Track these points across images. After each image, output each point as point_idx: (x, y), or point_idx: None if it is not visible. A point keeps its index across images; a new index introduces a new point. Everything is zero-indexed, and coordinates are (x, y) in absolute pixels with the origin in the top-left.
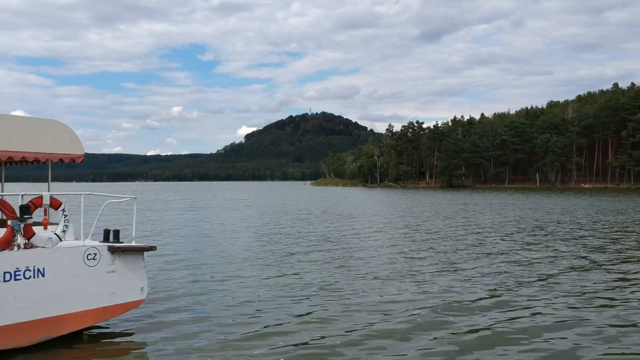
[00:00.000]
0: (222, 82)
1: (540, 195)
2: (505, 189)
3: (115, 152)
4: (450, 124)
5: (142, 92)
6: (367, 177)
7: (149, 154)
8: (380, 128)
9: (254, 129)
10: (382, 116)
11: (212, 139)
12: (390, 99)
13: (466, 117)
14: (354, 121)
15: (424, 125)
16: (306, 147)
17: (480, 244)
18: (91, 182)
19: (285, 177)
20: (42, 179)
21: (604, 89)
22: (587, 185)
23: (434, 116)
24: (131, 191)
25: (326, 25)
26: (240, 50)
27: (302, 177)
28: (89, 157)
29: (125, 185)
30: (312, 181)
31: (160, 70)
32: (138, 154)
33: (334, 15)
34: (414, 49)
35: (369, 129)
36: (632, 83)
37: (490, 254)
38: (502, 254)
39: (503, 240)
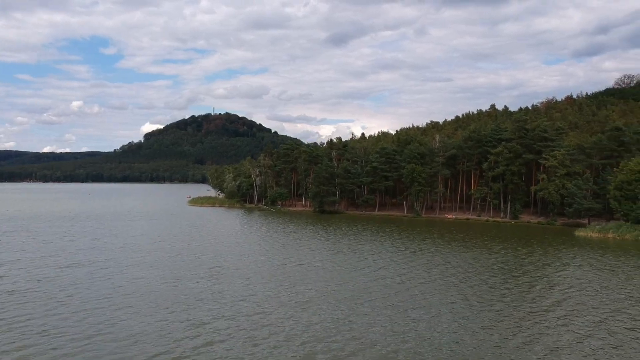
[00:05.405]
0: (126, 77)
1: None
2: (373, 217)
3: (7, 148)
4: (325, 145)
5: (38, 85)
6: (246, 196)
7: (43, 150)
8: (289, 128)
9: (159, 126)
10: (290, 117)
11: (113, 136)
12: (299, 100)
13: (359, 127)
14: (258, 123)
15: (326, 130)
16: (208, 149)
17: None
18: None
19: (185, 180)
20: None
21: (483, 109)
22: (450, 216)
23: (340, 118)
24: None
25: (235, 23)
26: (145, 45)
27: (203, 180)
28: None
29: None
30: (190, 199)
31: (59, 63)
32: (32, 150)
33: (243, 13)
34: (321, 51)
35: (273, 130)
36: (505, 106)
37: None
38: None
39: None
